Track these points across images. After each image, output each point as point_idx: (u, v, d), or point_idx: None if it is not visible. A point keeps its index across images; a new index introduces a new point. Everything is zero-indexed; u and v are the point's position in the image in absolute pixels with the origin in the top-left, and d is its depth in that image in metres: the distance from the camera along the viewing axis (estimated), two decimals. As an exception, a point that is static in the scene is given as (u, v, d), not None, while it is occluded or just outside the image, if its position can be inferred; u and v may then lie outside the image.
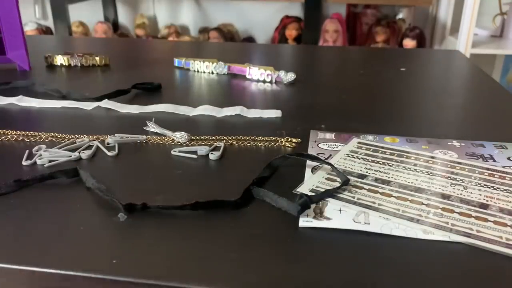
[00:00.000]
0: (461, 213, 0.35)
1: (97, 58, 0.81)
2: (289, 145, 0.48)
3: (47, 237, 0.32)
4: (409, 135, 0.50)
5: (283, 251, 0.30)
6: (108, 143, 0.47)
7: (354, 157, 0.44)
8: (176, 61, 0.82)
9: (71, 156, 0.44)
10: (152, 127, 0.51)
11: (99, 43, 1.18)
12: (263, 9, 2.10)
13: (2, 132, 0.50)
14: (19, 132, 0.50)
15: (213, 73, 0.78)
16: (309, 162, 0.43)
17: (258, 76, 0.73)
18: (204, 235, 0.32)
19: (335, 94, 0.67)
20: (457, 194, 0.38)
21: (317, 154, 0.45)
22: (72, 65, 0.81)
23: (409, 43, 1.82)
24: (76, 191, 0.38)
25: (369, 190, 0.38)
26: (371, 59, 0.93)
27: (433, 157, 0.44)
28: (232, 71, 0.77)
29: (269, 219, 0.34)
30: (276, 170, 0.42)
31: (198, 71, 0.79)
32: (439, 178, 0.40)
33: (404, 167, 0.42)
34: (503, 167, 0.43)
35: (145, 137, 0.49)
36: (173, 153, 0.45)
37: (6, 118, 0.55)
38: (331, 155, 0.45)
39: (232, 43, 1.68)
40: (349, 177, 0.40)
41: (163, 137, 0.49)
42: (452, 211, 0.35)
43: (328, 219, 0.34)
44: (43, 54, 0.82)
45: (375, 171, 0.42)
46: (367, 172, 0.41)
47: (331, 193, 0.37)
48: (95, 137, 0.49)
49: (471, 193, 0.38)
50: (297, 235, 0.32)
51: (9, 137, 0.49)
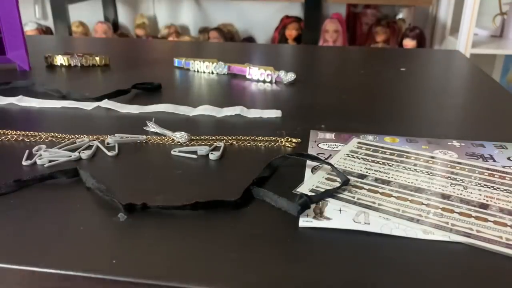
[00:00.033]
0: (461, 213, 0.35)
1: (97, 58, 0.81)
2: (289, 145, 0.48)
3: (47, 237, 0.32)
4: (409, 135, 0.50)
5: (283, 251, 0.30)
6: (108, 143, 0.47)
7: (354, 157, 0.44)
8: (176, 61, 0.82)
9: (71, 156, 0.44)
10: (152, 127, 0.51)
11: (99, 43, 1.18)
12: (263, 9, 2.11)
13: (2, 132, 0.50)
14: (19, 132, 0.50)
15: (213, 73, 0.78)
16: (309, 162, 0.43)
17: (258, 76, 0.73)
18: (204, 235, 0.32)
19: (335, 94, 0.67)
20: (457, 194, 0.38)
21: (317, 154, 0.45)
22: (72, 65, 0.81)
23: (409, 43, 1.82)
24: (76, 191, 0.38)
25: (369, 190, 0.38)
26: (371, 59, 0.92)
27: (433, 157, 0.44)
28: (232, 71, 0.77)
29: (269, 219, 0.34)
30: (276, 170, 0.42)
31: (198, 71, 0.79)
32: (439, 178, 0.40)
33: (404, 167, 0.42)
34: (503, 167, 0.43)
35: (145, 137, 0.49)
36: (173, 153, 0.45)
37: (6, 118, 0.55)
38: (331, 155, 0.45)
39: (232, 43, 1.68)
40: (349, 177, 0.40)
41: (163, 137, 0.49)
42: (452, 211, 0.35)
43: (328, 219, 0.34)
44: (43, 54, 0.82)
45: (375, 171, 0.42)
46: (367, 172, 0.41)
47: (331, 193, 0.37)
48: (95, 137, 0.49)
49: (471, 193, 0.38)
50: (297, 235, 0.32)
51: (9, 137, 0.49)
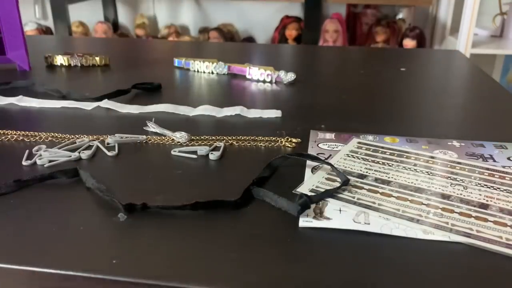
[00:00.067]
0: (461, 213, 0.35)
1: (97, 58, 0.81)
2: (289, 145, 0.48)
3: (47, 237, 0.32)
4: (409, 135, 0.50)
5: (283, 251, 0.30)
6: (108, 143, 0.47)
7: (354, 157, 0.44)
8: (176, 61, 0.82)
9: (71, 156, 0.44)
10: (152, 127, 0.51)
11: (99, 43, 1.18)
12: (263, 9, 2.11)
13: (2, 132, 0.50)
14: (19, 132, 0.50)
15: (213, 73, 0.78)
16: (309, 162, 0.43)
17: (258, 76, 0.73)
18: (204, 235, 0.32)
19: (335, 94, 0.67)
20: (457, 194, 0.38)
21: (317, 154, 0.45)
22: (72, 65, 0.81)
23: (409, 43, 1.82)
24: (76, 191, 0.38)
25: (369, 190, 0.38)
26: (371, 59, 0.92)
27: (433, 157, 0.44)
28: (232, 71, 0.77)
29: (269, 219, 0.34)
30: (276, 170, 0.42)
31: (198, 71, 0.79)
32: (439, 178, 0.40)
33: (404, 167, 0.42)
34: (503, 167, 0.43)
35: (145, 137, 0.49)
36: (173, 153, 0.45)
37: (6, 118, 0.55)
38: (331, 155, 0.45)
39: (232, 43, 1.68)
40: (349, 177, 0.40)
41: (163, 137, 0.49)
42: (452, 211, 0.35)
43: (328, 219, 0.34)
44: (43, 54, 0.82)
45: (375, 171, 0.42)
46: (367, 172, 0.41)
47: (331, 193, 0.37)
48: (95, 137, 0.49)
49: (471, 193, 0.38)
50: (297, 235, 0.32)
51: (9, 137, 0.49)
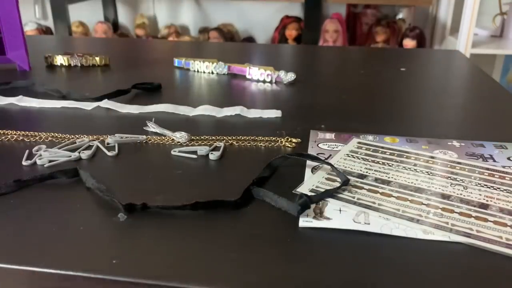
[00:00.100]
0: (461, 213, 0.35)
1: (97, 58, 0.81)
2: (289, 145, 0.48)
3: (47, 237, 0.32)
4: (409, 135, 0.50)
5: (283, 251, 0.30)
6: (108, 143, 0.47)
7: (354, 157, 0.44)
8: (176, 61, 0.82)
9: (71, 156, 0.44)
10: (152, 127, 0.51)
11: (99, 43, 1.18)
12: (263, 9, 2.11)
13: (2, 132, 0.50)
14: (19, 132, 0.50)
15: (213, 73, 0.78)
16: (309, 162, 0.43)
17: (258, 76, 0.73)
18: (204, 235, 0.32)
19: (335, 94, 0.67)
20: (457, 194, 0.38)
21: (317, 154, 0.45)
22: (72, 65, 0.81)
23: (409, 43, 1.82)
24: (76, 191, 0.38)
25: (369, 190, 0.38)
26: (371, 59, 0.92)
27: (433, 157, 0.44)
28: (232, 71, 0.77)
29: (269, 219, 0.34)
30: (276, 170, 0.42)
31: (198, 71, 0.79)
32: (439, 178, 0.40)
33: (404, 167, 0.42)
34: (503, 167, 0.43)
35: (145, 137, 0.49)
36: (173, 153, 0.45)
37: (6, 118, 0.55)
38: (331, 155, 0.45)
39: (232, 43, 1.68)
40: (349, 177, 0.40)
41: (163, 137, 0.49)
42: (452, 211, 0.35)
43: (328, 219, 0.34)
44: (43, 54, 0.82)
45: (375, 171, 0.42)
46: (367, 172, 0.41)
47: (331, 193, 0.37)
48: (95, 137, 0.49)
49: (471, 193, 0.38)
50: (297, 235, 0.32)
51: (9, 137, 0.49)
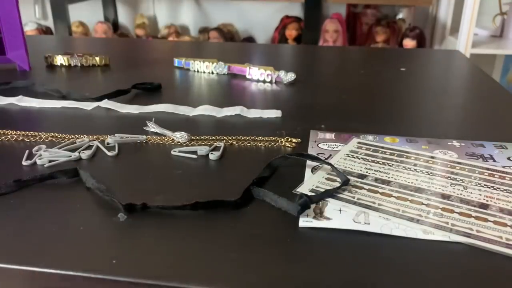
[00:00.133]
0: (461, 213, 0.35)
1: (97, 58, 0.81)
2: (289, 145, 0.48)
3: (47, 237, 0.32)
4: (409, 135, 0.50)
5: (283, 251, 0.30)
6: (108, 143, 0.47)
7: (354, 157, 0.44)
8: (176, 61, 0.82)
9: (71, 156, 0.44)
10: (152, 127, 0.51)
11: (99, 43, 1.18)
12: (263, 9, 2.11)
13: (2, 132, 0.50)
14: (19, 132, 0.50)
15: (213, 73, 0.78)
16: (309, 162, 0.43)
17: (258, 76, 0.73)
18: (204, 235, 0.32)
19: (335, 94, 0.67)
20: (457, 194, 0.38)
21: (317, 154, 0.45)
22: (72, 65, 0.81)
23: (409, 43, 1.82)
24: (76, 191, 0.38)
25: (369, 190, 0.38)
26: (371, 59, 0.92)
27: (433, 157, 0.44)
28: (232, 71, 0.77)
29: (269, 219, 0.34)
30: (276, 170, 0.42)
31: (198, 71, 0.79)
32: (439, 178, 0.40)
33: (404, 167, 0.42)
34: (503, 167, 0.43)
35: (145, 137, 0.49)
36: (173, 153, 0.45)
37: (6, 118, 0.55)
38: (331, 155, 0.45)
39: (232, 43, 1.68)
40: (349, 177, 0.40)
41: (163, 137, 0.49)
42: (452, 211, 0.35)
43: (328, 219, 0.34)
44: (43, 54, 0.82)
45: (375, 171, 0.42)
46: (367, 172, 0.41)
47: (331, 193, 0.37)
48: (95, 137, 0.49)
49: (471, 193, 0.38)
50: (297, 235, 0.32)
51: (9, 137, 0.49)
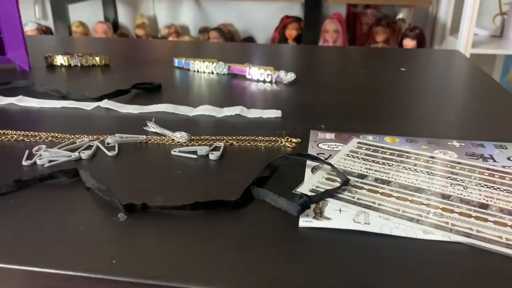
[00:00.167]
0: (461, 213, 0.35)
1: (97, 58, 0.81)
2: (289, 145, 0.48)
3: (47, 237, 0.32)
4: (409, 135, 0.50)
5: (283, 251, 0.30)
6: (108, 143, 0.47)
7: (354, 157, 0.44)
8: (176, 61, 0.82)
9: (71, 156, 0.44)
10: (152, 127, 0.51)
11: (99, 43, 1.18)
12: (263, 9, 2.11)
13: (2, 132, 0.50)
14: (19, 132, 0.50)
15: (213, 73, 0.78)
16: (309, 162, 0.43)
17: (258, 76, 0.73)
18: (204, 235, 0.32)
19: (335, 94, 0.67)
20: (457, 194, 0.38)
21: (317, 154, 0.45)
22: (72, 65, 0.81)
23: (409, 43, 1.82)
24: (76, 191, 0.38)
25: (369, 190, 0.38)
26: (371, 59, 0.92)
27: (433, 157, 0.44)
28: (232, 71, 0.77)
29: (269, 219, 0.34)
30: (276, 170, 0.42)
31: (198, 71, 0.79)
32: (439, 178, 0.40)
33: (404, 167, 0.42)
34: (503, 167, 0.43)
35: (145, 137, 0.49)
36: (173, 153, 0.45)
37: (6, 118, 0.55)
38: (331, 155, 0.45)
39: (232, 43, 1.68)
40: (349, 177, 0.40)
41: (163, 137, 0.49)
42: (452, 211, 0.35)
43: (328, 219, 0.34)
44: (43, 54, 0.82)
45: (375, 171, 0.42)
46: (367, 172, 0.41)
47: (331, 193, 0.37)
48: (95, 137, 0.49)
49: (471, 193, 0.38)
50: (297, 235, 0.32)
51: (9, 137, 0.49)
